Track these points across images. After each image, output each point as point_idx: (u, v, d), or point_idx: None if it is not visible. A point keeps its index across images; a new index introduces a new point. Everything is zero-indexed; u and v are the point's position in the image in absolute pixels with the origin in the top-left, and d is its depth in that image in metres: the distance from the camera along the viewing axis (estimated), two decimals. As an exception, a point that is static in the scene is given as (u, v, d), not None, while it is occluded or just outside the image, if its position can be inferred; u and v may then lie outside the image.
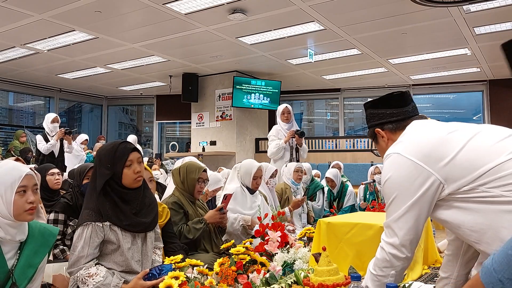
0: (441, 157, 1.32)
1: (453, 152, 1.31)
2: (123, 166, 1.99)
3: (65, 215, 2.86)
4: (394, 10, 5.62)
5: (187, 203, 2.82)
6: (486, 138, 1.33)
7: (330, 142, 9.88)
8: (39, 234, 1.69)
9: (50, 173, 3.39)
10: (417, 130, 1.45)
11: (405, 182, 1.36)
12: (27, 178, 1.62)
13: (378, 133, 1.58)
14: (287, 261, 2.30)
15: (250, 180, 3.43)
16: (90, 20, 5.96)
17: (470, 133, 1.35)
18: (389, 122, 1.55)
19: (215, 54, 7.79)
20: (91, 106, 12.19)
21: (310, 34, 6.57)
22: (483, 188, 1.26)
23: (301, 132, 4.86)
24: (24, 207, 1.60)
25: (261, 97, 9.27)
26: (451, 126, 1.44)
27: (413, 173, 1.35)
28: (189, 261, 2.07)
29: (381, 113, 1.57)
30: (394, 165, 1.39)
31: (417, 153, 1.36)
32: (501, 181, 1.24)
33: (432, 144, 1.37)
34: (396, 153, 1.40)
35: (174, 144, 10.05)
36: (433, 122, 1.49)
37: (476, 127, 1.40)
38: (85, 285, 1.85)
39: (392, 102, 1.56)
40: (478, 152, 1.30)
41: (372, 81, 9.68)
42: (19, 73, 8.98)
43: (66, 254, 2.80)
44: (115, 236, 1.94)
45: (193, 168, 2.86)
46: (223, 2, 5.39)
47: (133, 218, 1.99)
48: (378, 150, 1.65)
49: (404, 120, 1.53)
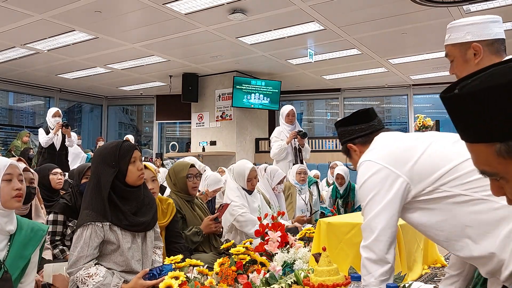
0: (406, 161, 1.45)
1: (416, 156, 1.44)
2: (128, 163, 2.00)
3: (65, 216, 2.85)
4: (394, 10, 5.62)
5: (184, 205, 2.81)
6: (441, 144, 1.46)
7: (330, 142, 9.88)
8: (28, 227, 1.75)
9: (53, 172, 3.39)
10: (384, 139, 1.59)
11: (377, 185, 1.46)
12: (11, 167, 1.71)
13: (351, 148, 1.73)
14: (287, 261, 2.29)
15: (245, 183, 3.41)
16: (90, 20, 5.96)
17: (428, 141, 1.48)
18: (359, 136, 1.70)
19: (215, 54, 7.80)
20: (91, 106, 12.19)
21: (310, 34, 6.58)
22: (444, 188, 1.37)
23: (304, 133, 4.85)
24: (11, 193, 1.68)
25: (261, 97, 9.27)
26: (412, 136, 1.60)
27: (383, 176, 1.45)
28: (189, 261, 2.07)
29: (351, 130, 1.72)
30: (366, 171, 1.51)
31: (386, 158, 1.49)
32: (459, 181, 1.35)
33: (398, 150, 1.50)
34: (368, 160, 1.52)
35: (174, 144, 10.05)
36: (398, 133, 1.65)
37: (431, 136, 1.55)
38: (85, 285, 1.85)
39: (359, 119, 1.72)
40: (436, 156, 1.42)
41: (372, 81, 9.68)
42: (19, 73, 8.98)
43: (66, 254, 2.80)
44: (115, 236, 1.94)
45: (180, 167, 2.88)
46: (223, 2, 5.39)
47: (132, 218, 1.99)
48: (352, 163, 1.78)
49: (372, 133, 1.68)
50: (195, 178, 2.86)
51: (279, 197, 4.00)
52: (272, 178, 3.93)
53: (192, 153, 9.11)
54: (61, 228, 2.85)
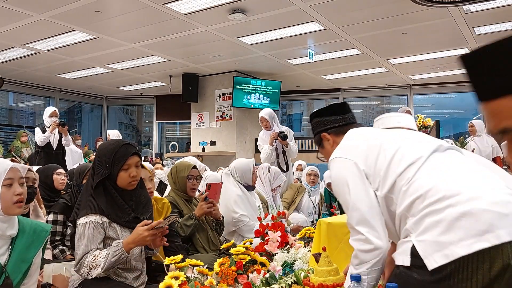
0: (367, 157, 1.51)
1: (373, 155, 1.50)
2: (120, 169, 1.99)
3: (64, 216, 2.85)
4: (394, 10, 5.62)
5: (182, 203, 2.84)
6: (395, 149, 1.49)
7: (330, 142, 9.86)
8: (31, 229, 1.70)
9: (57, 173, 3.39)
10: (353, 135, 1.65)
11: (342, 176, 1.54)
12: (12, 171, 1.63)
13: (324, 137, 1.79)
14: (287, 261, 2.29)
15: (251, 177, 3.44)
16: (90, 20, 5.96)
17: (391, 144, 1.52)
18: (333, 127, 1.78)
19: (215, 54, 7.79)
20: (91, 106, 12.19)
21: (310, 34, 6.57)
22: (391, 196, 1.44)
23: (284, 134, 4.80)
24: (12, 199, 1.61)
25: (261, 97, 9.27)
26: (378, 134, 1.63)
27: (346, 167, 1.53)
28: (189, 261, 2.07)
29: (326, 120, 1.79)
30: (334, 167, 1.59)
31: (349, 153, 1.56)
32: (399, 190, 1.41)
33: (360, 148, 1.56)
34: (336, 157, 1.60)
35: (174, 144, 10.05)
36: (367, 129, 1.72)
37: (398, 136, 1.58)
38: (96, 268, 1.84)
39: (335, 110, 1.80)
40: (389, 160, 1.47)
41: (372, 81, 9.68)
42: (19, 73, 8.98)
43: (66, 254, 2.81)
44: (115, 232, 1.95)
45: (182, 166, 2.90)
46: (223, 2, 5.39)
47: (132, 215, 1.99)
48: (323, 153, 1.85)
49: (346, 125, 1.76)
50: (195, 180, 2.88)
51: (275, 198, 4.00)
52: (274, 179, 3.93)
53: (192, 153, 9.11)
54: (61, 228, 2.85)
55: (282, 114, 11.77)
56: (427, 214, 1.28)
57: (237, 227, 3.28)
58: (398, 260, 1.35)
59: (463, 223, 1.21)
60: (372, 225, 1.45)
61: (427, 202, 1.29)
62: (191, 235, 2.74)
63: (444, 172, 1.36)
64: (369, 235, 1.44)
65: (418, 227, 1.29)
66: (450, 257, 1.20)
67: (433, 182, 1.32)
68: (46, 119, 5.83)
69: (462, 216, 1.22)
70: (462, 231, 1.20)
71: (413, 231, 1.31)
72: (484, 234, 1.18)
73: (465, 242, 1.19)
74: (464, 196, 1.25)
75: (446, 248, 1.21)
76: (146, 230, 1.87)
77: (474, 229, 1.19)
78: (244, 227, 3.26)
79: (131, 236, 1.89)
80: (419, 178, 1.36)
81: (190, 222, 2.69)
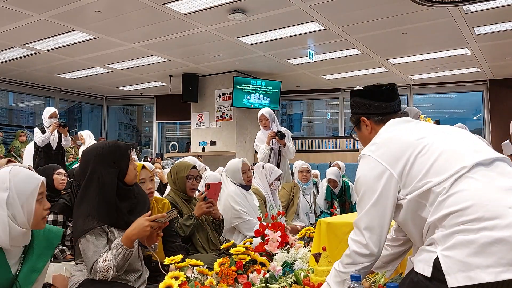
0: (400, 160, 1.42)
1: (411, 157, 1.41)
2: (128, 162, 2.01)
3: (64, 216, 2.85)
4: (394, 10, 5.62)
5: (181, 203, 2.84)
6: (440, 147, 1.41)
7: (330, 142, 9.88)
8: (43, 237, 1.66)
9: (58, 173, 3.39)
10: (391, 132, 1.54)
11: (371, 181, 1.46)
12: (42, 185, 1.59)
13: (363, 121, 1.67)
14: (287, 261, 2.29)
15: (241, 176, 3.45)
16: (90, 20, 5.96)
17: (428, 141, 1.43)
18: (375, 114, 1.64)
19: (215, 54, 7.79)
20: (91, 106, 12.19)
21: (310, 34, 6.57)
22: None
23: (281, 133, 4.77)
24: (42, 214, 1.58)
25: (261, 97, 9.27)
26: (417, 131, 1.51)
27: (378, 173, 1.44)
28: (189, 261, 2.07)
29: (368, 104, 1.65)
30: (364, 165, 1.50)
31: (384, 154, 1.46)
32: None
33: (397, 148, 1.46)
34: (367, 155, 1.50)
35: (174, 144, 10.05)
36: (406, 126, 1.57)
37: (435, 134, 1.48)
38: (109, 271, 1.84)
39: (381, 96, 1.65)
40: (427, 163, 1.39)
41: (372, 81, 9.54)
42: (19, 73, 8.98)
43: (66, 254, 2.81)
44: (113, 236, 1.94)
45: (182, 166, 2.90)
46: (223, 2, 5.39)
47: (127, 217, 1.97)
48: (359, 136, 1.73)
49: (389, 114, 1.62)
50: (194, 179, 2.88)
51: (274, 194, 4.01)
52: (270, 173, 3.95)
53: (192, 153, 9.11)
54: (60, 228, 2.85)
55: (282, 114, 11.78)
56: (460, 231, 1.23)
57: (236, 222, 3.28)
58: (418, 268, 1.30)
59: (495, 249, 1.16)
60: (378, 235, 1.45)
61: (463, 219, 1.24)
62: (191, 235, 2.74)
63: (487, 189, 1.28)
64: (370, 241, 1.45)
65: (447, 240, 1.25)
66: (473, 280, 1.15)
67: (474, 199, 1.25)
68: (45, 119, 5.82)
69: (496, 242, 1.17)
70: (493, 257, 1.16)
71: (441, 243, 1.26)
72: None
73: (493, 270, 1.14)
74: (504, 221, 1.19)
75: (472, 271, 1.17)
76: (147, 220, 1.86)
77: (505, 258, 1.15)
78: (244, 224, 3.26)
79: (131, 227, 1.87)
80: (460, 191, 1.29)
81: (190, 222, 2.69)
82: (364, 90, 1.69)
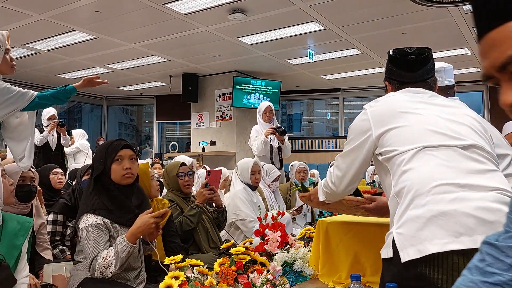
0: (385, 125, 1.46)
1: (395, 124, 1.44)
2: (112, 161, 2.00)
3: (64, 216, 2.85)
4: (394, 10, 5.62)
5: (180, 201, 2.86)
6: (423, 123, 1.42)
7: (330, 142, 9.89)
8: (13, 220, 1.79)
9: (54, 172, 3.40)
10: (398, 98, 1.56)
11: (356, 132, 1.55)
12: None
13: (387, 84, 1.74)
14: (287, 261, 2.30)
15: (249, 176, 3.48)
16: (90, 20, 5.96)
17: (420, 117, 1.44)
18: (396, 80, 1.69)
19: (215, 54, 7.79)
20: (91, 106, 12.19)
21: (310, 34, 6.58)
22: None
23: (283, 130, 4.64)
24: (10, 188, 1.82)
25: (261, 97, 9.27)
26: (416, 105, 1.51)
27: (363, 129, 1.51)
28: (189, 261, 2.07)
29: (392, 70, 1.70)
30: (359, 115, 1.58)
31: (376, 114, 1.50)
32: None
33: (388, 112, 1.49)
34: (365, 108, 1.57)
35: (174, 144, 10.05)
36: (410, 95, 1.55)
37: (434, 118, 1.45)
38: (109, 268, 1.83)
39: (403, 65, 1.66)
40: (406, 134, 1.41)
41: (372, 81, 9.68)
42: (19, 73, 8.97)
43: (66, 254, 2.81)
44: (116, 233, 1.95)
45: (171, 167, 2.93)
46: (223, 2, 5.39)
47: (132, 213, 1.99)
48: None
49: (407, 83, 1.63)
50: (186, 176, 2.87)
51: (277, 196, 4.03)
52: (267, 175, 3.97)
53: (192, 153, 9.11)
54: (60, 228, 2.85)
55: (282, 114, 11.78)
56: (410, 207, 1.27)
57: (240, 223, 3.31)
58: (383, 254, 1.34)
59: (441, 222, 1.20)
60: (341, 176, 1.59)
61: (413, 194, 1.27)
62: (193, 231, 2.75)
63: (443, 167, 1.29)
64: (336, 178, 1.62)
65: (400, 218, 1.29)
66: (422, 253, 1.19)
67: (427, 175, 1.28)
68: (44, 120, 5.82)
69: (441, 215, 1.20)
70: (439, 230, 1.19)
71: (396, 222, 1.30)
72: (460, 236, 1.16)
73: (439, 241, 1.18)
74: (450, 196, 1.23)
75: (421, 244, 1.20)
76: (151, 217, 1.88)
77: (451, 230, 1.18)
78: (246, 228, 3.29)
79: (135, 224, 1.88)
80: (416, 167, 1.32)
81: (194, 211, 2.71)
82: (391, 55, 1.71)
